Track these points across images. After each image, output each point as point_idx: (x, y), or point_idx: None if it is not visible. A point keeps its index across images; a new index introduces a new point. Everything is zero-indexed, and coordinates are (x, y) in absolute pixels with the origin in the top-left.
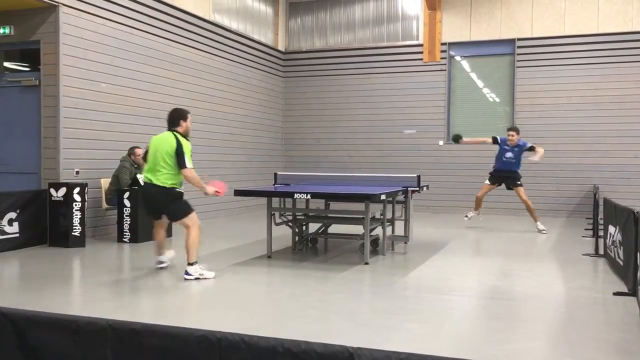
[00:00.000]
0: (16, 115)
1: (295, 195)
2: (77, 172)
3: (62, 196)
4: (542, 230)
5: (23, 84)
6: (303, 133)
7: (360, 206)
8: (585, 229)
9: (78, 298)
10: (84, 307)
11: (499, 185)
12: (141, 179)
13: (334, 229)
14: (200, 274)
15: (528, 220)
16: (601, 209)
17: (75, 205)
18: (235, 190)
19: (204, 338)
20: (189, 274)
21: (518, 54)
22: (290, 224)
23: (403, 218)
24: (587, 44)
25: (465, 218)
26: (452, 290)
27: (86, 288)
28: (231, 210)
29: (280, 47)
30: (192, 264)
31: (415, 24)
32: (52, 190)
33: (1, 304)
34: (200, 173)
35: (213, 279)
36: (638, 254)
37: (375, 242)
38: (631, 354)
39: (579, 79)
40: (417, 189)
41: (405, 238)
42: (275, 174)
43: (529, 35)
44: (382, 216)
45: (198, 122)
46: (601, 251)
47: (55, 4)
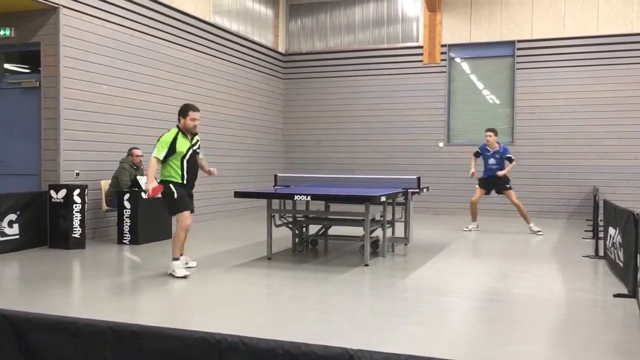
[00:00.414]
0: (16, 117)
1: (296, 197)
2: (77, 174)
3: (62, 198)
4: (538, 232)
5: (23, 85)
6: (303, 135)
7: (360, 208)
8: (585, 231)
9: (78, 300)
10: (84, 309)
11: (488, 193)
12: (141, 180)
13: (334, 230)
14: (172, 271)
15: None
16: (601, 210)
17: (76, 207)
18: (235, 192)
19: (204, 340)
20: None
21: (518, 56)
22: (290, 225)
23: (403, 220)
24: (587, 46)
25: (465, 230)
26: (452, 292)
27: (86, 290)
28: (231, 212)
29: (281, 49)
30: (173, 259)
31: (415, 25)
32: (52, 192)
33: (1, 306)
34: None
35: (183, 278)
36: (638, 255)
37: (375, 244)
38: (631, 356)
39: (579, 80)
40: (417, 190)
41: (405, 240)
42: (275, 176)
43: (529, 37)
44: (382, 218)
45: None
46: (601, 253)
47: (56, 5)
